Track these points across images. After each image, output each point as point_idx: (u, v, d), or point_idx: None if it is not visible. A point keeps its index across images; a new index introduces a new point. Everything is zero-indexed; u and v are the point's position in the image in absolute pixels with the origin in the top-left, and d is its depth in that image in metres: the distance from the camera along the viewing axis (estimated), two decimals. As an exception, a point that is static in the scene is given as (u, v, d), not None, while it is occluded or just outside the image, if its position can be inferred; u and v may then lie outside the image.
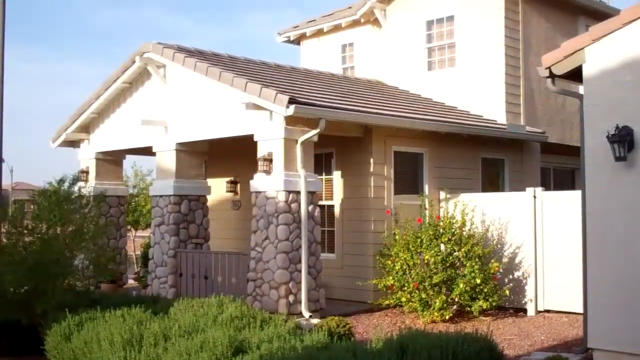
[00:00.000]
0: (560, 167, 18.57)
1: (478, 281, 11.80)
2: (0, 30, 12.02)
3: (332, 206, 14.21)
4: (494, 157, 16.04)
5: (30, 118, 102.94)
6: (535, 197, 12.80)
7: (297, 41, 20.90)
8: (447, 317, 11.80)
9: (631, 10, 8.36)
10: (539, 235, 12.68)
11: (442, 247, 12.22)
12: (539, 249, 12.67)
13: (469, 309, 12.10)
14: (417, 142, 14.31)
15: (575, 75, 9.02)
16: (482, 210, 13.21)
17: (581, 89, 9.01)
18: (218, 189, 16.37)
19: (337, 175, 14.16)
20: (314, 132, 12.00)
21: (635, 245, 8.29)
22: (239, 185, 16.60)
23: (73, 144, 16.83)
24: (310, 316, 11.80)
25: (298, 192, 11.98)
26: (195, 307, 9.55)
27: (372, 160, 13.54)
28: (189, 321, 8.72)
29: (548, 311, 12.60)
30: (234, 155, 15.93)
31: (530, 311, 12.63)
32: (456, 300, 12.01)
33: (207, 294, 12.46)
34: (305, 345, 7.76)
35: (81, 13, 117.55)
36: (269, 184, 11.99)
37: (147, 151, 15.06)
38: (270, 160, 12.00)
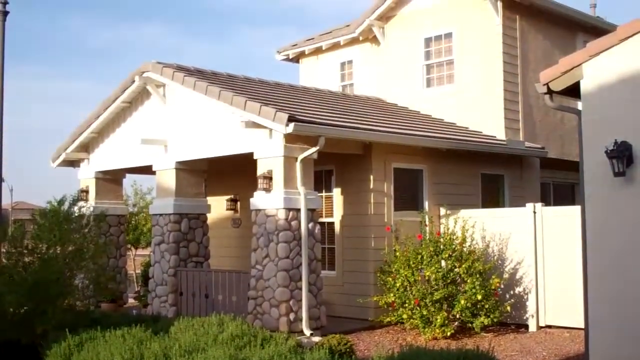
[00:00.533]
0: (560, 182, 18.58)
1: (479, 297, 11.77)
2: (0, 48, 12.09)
3: (332, 223, 14.21)
4: (493, 172, 16.06)
5: (30, 137, 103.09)
6: (535, 212, 12.81)
7: (296, 59, 20.99)
8: (448, 334, 11.77)
9: (627, 26, 8.40)
10: (540, 250, 12.68)
11: (443, 263, 12.21)
12: (540, 264, 12.66)
13: (470, 325, 12.08)
14: (416, 159, 14.33)
15: (573, 91, 9.04)
16: (483, 226, 13.21)
17: (579, 105, 9.03)
18: (218, 207, 16.37)
19: (337, 192, 14.17)
20: (314, 149, 12.02)
21: (636, 260, 8.28)
22: (239, 203, 16.60)
23: (73, 163, 16.84)
24: (311, 334, 11.76)
25: (298, 210, 11.98)
26: (196, 326, 9.51)
27: (372, 177, 13.55)
28: (189, 340, 8.69)
29: (549, 327, 12.57)
30: (234, 173, 15.95)
31: (532, 327, 12.60)
32: (457, 316, 11.98)
33: (207, 312, 12.42)
34: (306, 363, 7.73)
35: (80, 31, 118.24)
36: (269, 201, 12.00)
37: (147, 170, 15.08)
38: (270, 178, 12.02)
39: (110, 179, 16.59)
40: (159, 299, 14.06)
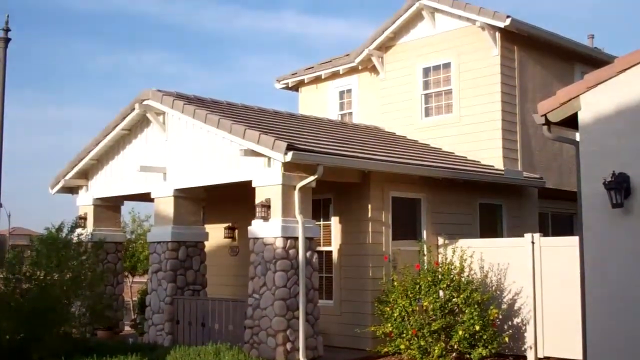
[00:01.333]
0: (558, 212, 18.58)
1: (477, 328, 11.71)
2: (0, 75, 12.16)
3: (330, 252, 14.17)
4: (491, 202, 16.05)
5: (29, 163, 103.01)
6: (533, 242, 12.78)
7: (295, 88, 21.09)
8: (446, 365, 11.70)
9: (625, 59, 8.48)
10: (538, 281, 12.64)
11: (441, 293, 12.16)
12: (538, 294, 12.61)
13: (468, 356, 12.00)
14: (415, 188, 14.34)
15: (571, 122, 9.10)
16: (481, 256, 13.18)
17: (577, 136, 9.08)
18: (216, 235, 16.34)
19: (335, 221, 14.15)
20: (312, 178, 12.04)
21: (634, 292, 8.27)
22: (237, 231, 16.57)
23: (71, 190, 16.82)
24: (308, 364, 11.69)
25: (296, 238, 11.96)
26: (192, 355, 9.48)
27: (370, 206, 13.54)
28: (185, 369, 8.66)
29: (548, 358, 12.49)
30: (232, 201, 15.94)
31: (530, 358, 12.52)
32: (455, 347, 11.91)
33: (204, 341, 12.37)
34: (303, 394, 7.69)
35: (80, 58, 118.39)
36: (266, 230, 11.98)
37: (145, 197, 15.08)
38: (268, 207, 12.01)
39: (109, 206, 16.57)
40: (155, 327, 13.98)
